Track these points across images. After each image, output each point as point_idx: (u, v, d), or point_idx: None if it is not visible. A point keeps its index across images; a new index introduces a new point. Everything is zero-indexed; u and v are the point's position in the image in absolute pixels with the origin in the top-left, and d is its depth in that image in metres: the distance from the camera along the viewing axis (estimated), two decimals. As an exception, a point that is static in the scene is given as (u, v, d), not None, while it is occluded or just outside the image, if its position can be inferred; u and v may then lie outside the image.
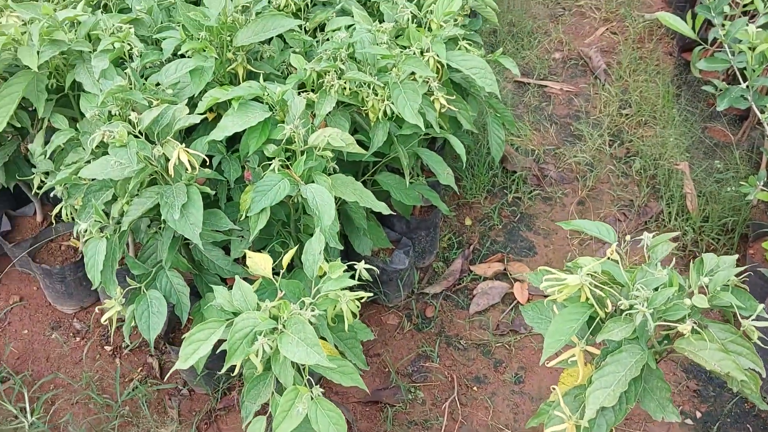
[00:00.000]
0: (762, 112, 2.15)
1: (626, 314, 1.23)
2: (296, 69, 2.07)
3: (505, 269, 2.70)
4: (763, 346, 1.24)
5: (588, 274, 1.29)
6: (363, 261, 1.72)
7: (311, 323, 1.42)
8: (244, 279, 1.58)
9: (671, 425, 2.16)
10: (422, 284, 2.64)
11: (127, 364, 2.36)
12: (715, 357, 1.21)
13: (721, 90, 2.18)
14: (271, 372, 1.58)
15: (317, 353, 1.37)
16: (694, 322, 1.21)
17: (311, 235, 2.03)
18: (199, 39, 1.98)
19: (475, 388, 2.30)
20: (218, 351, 1.54)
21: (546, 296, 2.56)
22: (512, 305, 2.56)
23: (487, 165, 3.06)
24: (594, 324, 1.32)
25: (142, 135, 1.73)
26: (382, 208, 1.86)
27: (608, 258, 1.31)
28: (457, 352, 2.41)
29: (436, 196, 2.41)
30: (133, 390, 2.27)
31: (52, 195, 2.20)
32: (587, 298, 1.30)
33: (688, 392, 2.24)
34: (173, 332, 2.23)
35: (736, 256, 1.37)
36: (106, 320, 1.85)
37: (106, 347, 2.43)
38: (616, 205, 2.96)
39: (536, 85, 3.67)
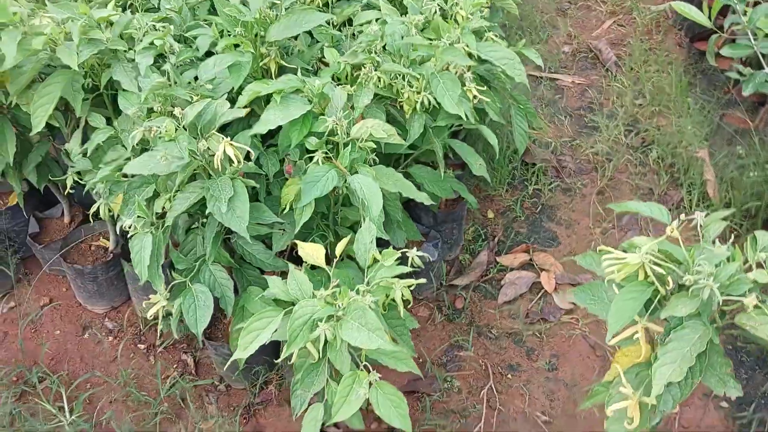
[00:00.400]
0: (787, 96, 2.19)
1: (691, 290, 1.25)
2: (328, 63, 2.09)
3: (530, 259, 2.72)
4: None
5: (647, 253, 1.31)
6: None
7: (371, 309, 1.44)
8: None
9: (707, 407, 2.19)
10: (450, 276, 2.66)
11: (162, 361, 2.37)
12: (776, 331, 1.23)
13: (745, 75, 2.21)
14: (325, 360, 1.59)
15: (380, 337, 1.39)
16: (757, 297, 1.24)
17: (349, 227, 2.07)
18: (234, 35, 1.99)
19: (509, 376, 2.32)
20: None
21: (574, 284, 2.59)
22: (540, 294, 2.58)
23: (507, 158, 3.08)
24: (653, 304, 1.34)
25: (186, 130, 1.74)
26: (424, 198, 1.88)
27: (667, 236, 1.33)
28: (488, 341, 2.43)
29: (464, 188, 2.43)
30: (171, 386, 2.28)
31: (84, 194, 2.21)
32: (647, 277, 1.32)
33: (721, 375, 2.27)
34: (209, 328, 2.24)
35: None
36: (152, 315, 1.87)
37: (139, 345, 2.44)
38: (635, 194, 2.99)
39: (548, 78, 3.70)
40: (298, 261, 1.77)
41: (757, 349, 2.32)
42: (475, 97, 2.08)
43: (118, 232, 2.41)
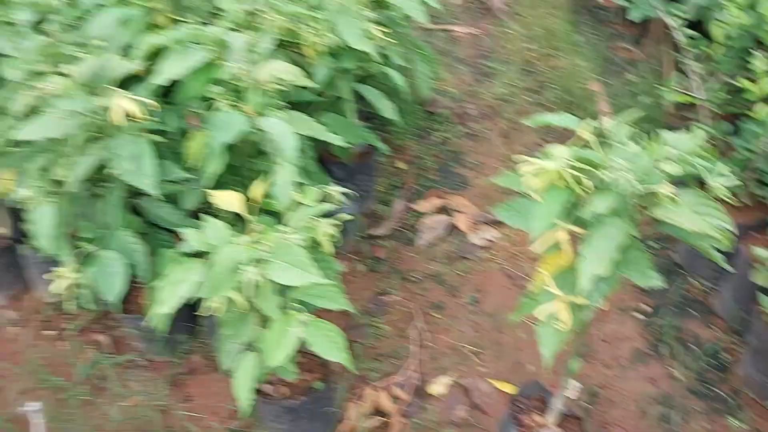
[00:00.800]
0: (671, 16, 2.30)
1: (608, 185, 1.29)
2: (224, 13, 2.01)
3: (444, 204, 2.75)
4: (729, 201, 1.34)
5: (563, 158, 1.34)
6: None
7: (299, 246, 1.40)
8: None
9: (623, 320, 2.29)
10: (368, 228, 2.66)
11: (75, 343, 2.24)
12: (690, 218, 1.29)
13: (633, 1, 2.30)
14: (253, 308, 1.55)
15: (311, 273, 1.36)
16: (670, 190, 1.29)
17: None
18: (120, -13, 1.88)
19: (435, 315, 2.35)
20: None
21: (488, 223, 2.63)
22: (457, 235, 2.62)
23: (413, 108, 3.09)
24: (574, 209, 1.37)
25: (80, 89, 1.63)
26: (339, 140, 1.85)
27: (578, 140, 1.36)
28: (412, 285, 2.45)
29: (374, 137, 2.42)
30: (90, 367, 2.16)
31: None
32: (566, 182, 1.35)
33: (636, 290, 2.38)
34: (125, 302, 2.13)
35: (703, 131, 1.46)
36: (59, 291, 1.76)
37: (47, 332, 2.29)
38: (538, 134, 3.07)
39: (442, 30, 3.73)
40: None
41: (666, 262, 2.45)
42: (377, 37, 2.06)
43: (10, 214, 2.25)
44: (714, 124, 2.37)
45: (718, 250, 1.36)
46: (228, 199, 1.57)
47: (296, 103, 2.11)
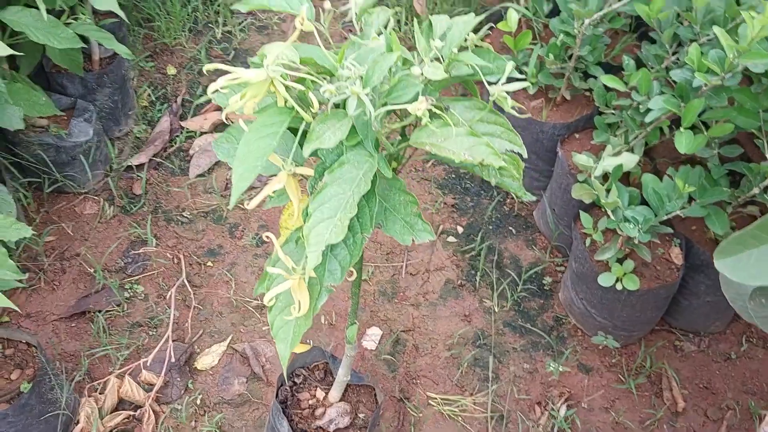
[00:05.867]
0: None
1: (337, 106, 0.84)
2: None
3: (226, 118, 2.23)
4: (518, 115, 0.94)
5: (278, 64, 0.87)
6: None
7: None
8: None
9: (434, 246, 1.93)
10: (122, 157, 2.09)
11: None
12: (463, 144, 0.87)
13: None
14: None
15: None
16: (431, 102, 0.86)
17: None
18: None
19: (209, 264, 1.88)
20: None
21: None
22: (240, 157, 2.12)
23: (181, -4, 2.48)
24: (302, 133, 0.92)
25: None
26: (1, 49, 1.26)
27: (297, 32, 0.89)
28: (180, 227, 1.95)
29: (108, 37, 1.83)
30: None
31: None
32: (285, 100, 0.89)
33: (446, 209, 2.02)
34: None
35: (473, 14, 1.03)
36: None
37: None
38: (340, 24, 2.57)
39: None
40: None
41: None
42: None
43: None
44: (531, 2, 1.97)
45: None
46: None
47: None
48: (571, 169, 1.75)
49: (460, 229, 1.97)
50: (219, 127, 2.21)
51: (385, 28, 1.02)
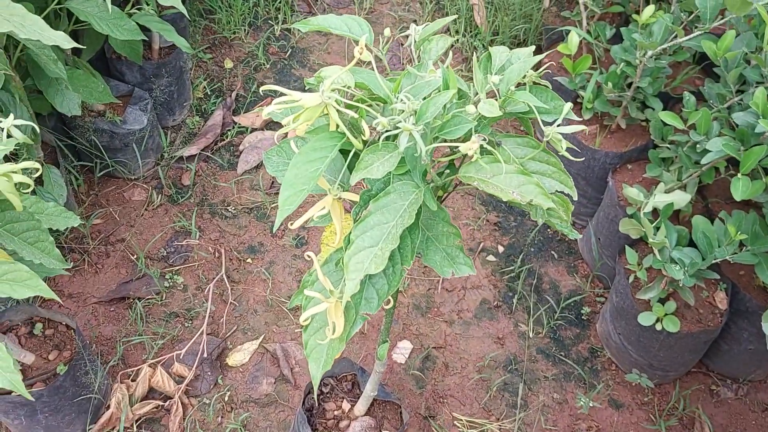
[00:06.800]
0: None
1: (388, 138, 0.84)
2: None
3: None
4: (572, 158, 0.92)
5: (333, 90, 0.87)
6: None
7: None
8: None
9: (474, 263, 1.91)
10: (174, 147, 2.13)
11: None
12: (513, 183, 0.86)
13: None
14: None
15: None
16: (484, 138, 0.85)
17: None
18: None
19: (249, 260, 1.90)
20: None
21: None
22: (288, 156, 2.13)
23: (244, -9, 2.51)
24: (351, 160, 0.92)
25: None
26: (59, 39, 1.28)
27: (355, 60, 0.89)
28: (224, 221, 1.98)
29: (169, 29, 1.86)
30: None
31: None
32: (337, 125, 0.89)
33: (488, 226, 2.00)
34: None
35: (533, 47, 1.02)
36: None
37: None
38: (398, 27, 2.56)
39: None
40: None
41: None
42: None
43: None
44: (593, 26, 1.93)
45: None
46: None
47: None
48: (621, 201, 1.71)
49: (500, 248, 1.95)
50: (270, 124, 2.23)
51: (445, 55, 1.01)
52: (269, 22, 2.53)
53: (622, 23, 2.11)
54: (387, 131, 0.83)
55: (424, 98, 0.85)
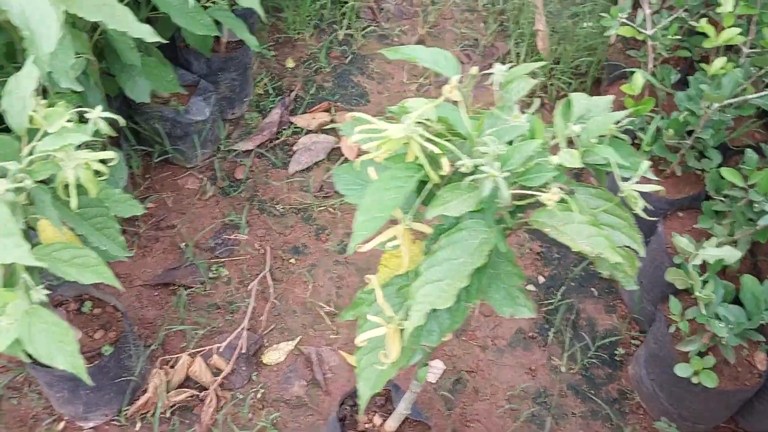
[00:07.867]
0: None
1: (469, 179, 0.86)
2: None
3: (332, 120, 2.28)
4: (646, 217, 0.93)
5: (417, 122, 0.89)
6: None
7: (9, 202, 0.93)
8: None
9: (512, 293, 1.92)
10: (231, 140, 2.17)
11: None
12: (583, 233, 0.88)
13: None
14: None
15: (15, 245, 0.90)
16: (560, 188, 0.86)
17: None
18: None
19: (292, 261, 1.93)
20: None
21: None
22: (339, 162, 2.16)
23: (313, -7, 2.54)
24: (426, 192, 0.94)
25: None
26: (145, 32, 1.33)
27: (446, 98, 0.91)
28: (272, 219, 2.01)
29: (241, 26, 1.90)
30: None
31: None
32: (416, 157, 0.91)
33: (531, 255, 2.01)
34: None
35: (612, 96, 1.03)
36: None
37: None
38: (459, 45, 2.58)
39: None
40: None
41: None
42: None
43: None
44: (659, 68, 1.93)
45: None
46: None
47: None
48: (668, 248, 1.71)
49: (541, 279, 1.96)
50: (325, 128, 2.25)
51: (530, 97, 1.03)
52: (333, 26, 2.56)
53: (686, 68, 2.10)
54: (467, 173, 0.85)
55: (509, 143, 0.87)
